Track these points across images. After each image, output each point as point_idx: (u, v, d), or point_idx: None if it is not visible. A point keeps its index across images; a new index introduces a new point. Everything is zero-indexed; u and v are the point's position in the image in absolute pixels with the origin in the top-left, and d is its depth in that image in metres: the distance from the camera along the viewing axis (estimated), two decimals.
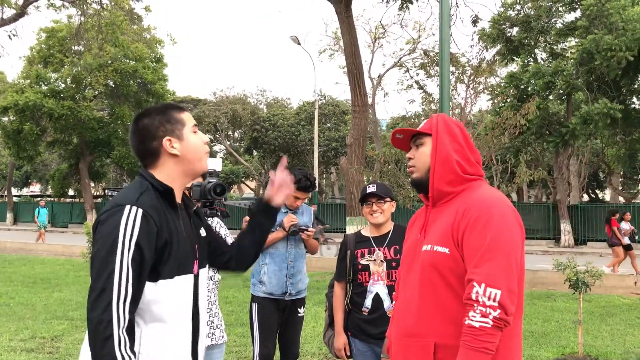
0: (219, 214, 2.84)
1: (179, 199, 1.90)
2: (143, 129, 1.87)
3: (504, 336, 1.82)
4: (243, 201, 4.39)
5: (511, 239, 1.85)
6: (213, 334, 3.14)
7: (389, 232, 3.41)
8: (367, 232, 3.47)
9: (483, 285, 1.76)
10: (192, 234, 1.92)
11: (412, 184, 2.16)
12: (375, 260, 3.32)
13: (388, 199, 3.38)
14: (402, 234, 3.40)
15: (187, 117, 1.94)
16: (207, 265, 2.07)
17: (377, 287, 3.31)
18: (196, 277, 1.90)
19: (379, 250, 3.34)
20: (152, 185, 1.82)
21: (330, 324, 3.55)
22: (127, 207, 1.70)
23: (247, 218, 3.04)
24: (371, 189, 3.37)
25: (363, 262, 3.35)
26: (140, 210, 1.70)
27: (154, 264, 1.71)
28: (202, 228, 2.05)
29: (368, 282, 3.33)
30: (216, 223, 3.33)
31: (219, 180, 2.63)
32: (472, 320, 1.76)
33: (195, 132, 1.93)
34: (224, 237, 3.22)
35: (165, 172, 1.85)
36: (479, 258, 1.81)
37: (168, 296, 1.75)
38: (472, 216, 1.88)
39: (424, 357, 1.89)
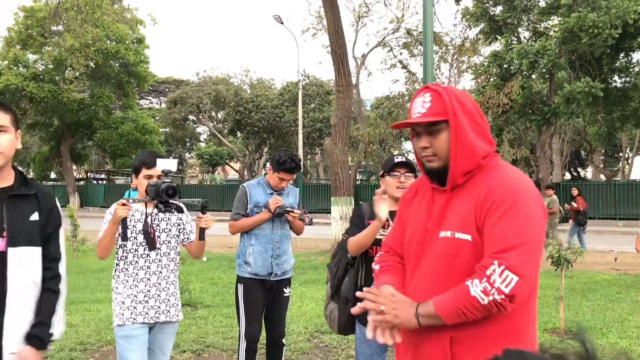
0: (172, 209, 3.08)
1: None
2: None
3: (521, 321, 1.79)
4: (196, 199, 4.44)
5: (538, 225, 1.75)
6: (168, 311, 3.29)
7: None
8: None
9: (503, 267, 1.65)
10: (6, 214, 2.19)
11: (429, 173, 1.92)
12: None
13: (415, 175, 3.16)
14: None
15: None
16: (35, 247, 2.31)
17: None
18: (3, 254, 2.17)
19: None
20: None
21: (333, 295, 3.32)
22: None
23: (200, 215, 3.13)
24: (401, 158, 3.16)
25: (377, 235, 3.15)
26: None
27: None
28: (37, 213, 2.32)
29: None
30: (185, 218, 3.41)
31: (171, 183, 2.91)
32: (471, 287, 1.68)
33: None
34: (188, 232, 3.39)
35: None
36: (505, 244, 1.68)
37: None
38: (497, 199, 1.75)
39: (439, 349, 1.80)
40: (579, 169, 42.13)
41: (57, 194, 35.22)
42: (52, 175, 41.72)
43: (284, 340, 4.29)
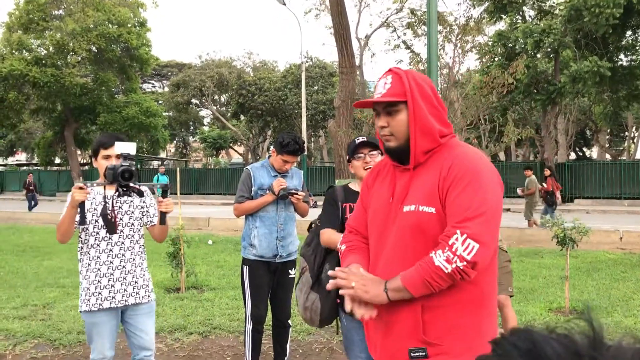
0: (132, 192, 3.05)
1: None
2: None
3: (485, 288, 1.87)
4: (158, 183, 4.50)
5: (498, 198, 1.84)
6: (137, 293, 3.31)
7: None
8: (355, 186, 3.23)
9: (465, 235, 1.73)
10: None
11: (388, 152, 2.00)
12: None
13: (380, 152, 3.11)
14: None
15: None
16: None
17: None
18: None
19: None
20: None
21: (313, 285, 3.15)
22: None
23: (160, 199, 3.12)
24: (362, 139, 3.15)
25: None
26: None
27: None
28: None
29: None
30: (149, 200, 3.41)
31: (128, 166, 2.88)
32: (435, 257, 1.75)
33: None
34: (152, 215, 3.38)
35: None
36: (466, 214, 1.77)
37: None
38: (459, 172, 1.83)
39: (412, 318, 1.86)
40: (585, 149, 41.97)
41: (62, 179, 35.54)
42: (57, 160, 41.80)
43: (289, 322, 4.31)
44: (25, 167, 48.50)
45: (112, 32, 29.29)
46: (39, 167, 39.79)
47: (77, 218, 3.06)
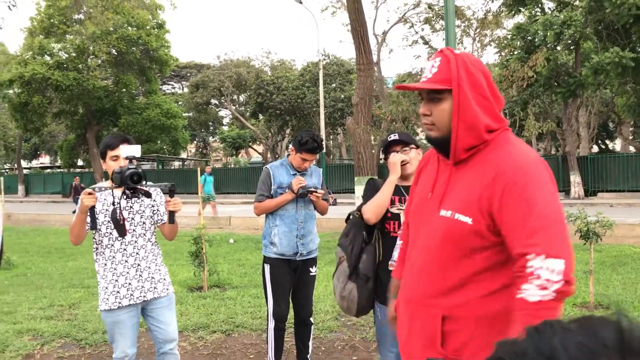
0: (140, 195, 3.09)
1: None
2: None
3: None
4: (164, 183, 4.56)
5: (554, 200, 1.63)
6: (155, 287, 3.38)
7: None
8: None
9: (543, 256, 1.52)
10: None
11: (429, 142, 1.85)
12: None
13: (413, 146, 3.14)
14: None
15: None
16: None
17: None
18: None
19: None
20: None
21: (350, 275, 3.09)
22: None
23: (168, 198, 3.16)
24: (394, 137, 3.15)
25: (393, 210, 3.08)
26: None
27: None
28: None
29: (397, 232, 3.04)
30: (159, 199, 3.46)
31: (135, 169, 2.93)
32: (524, 294, 1.53)
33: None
34: (162, 214, 3.43)
35: None
36: (530, 228, 1.57)
37: None
38: (509, 181, 1.63)
39: (430, 327, 1.76)
40: (607, 141, 41.31)
41: (85, 181, 36.06)
42: (80, 163, 42.39)
43: (311, 319, 4.32)
44: (49, 170, 49.25)
45: (132, 34, 29.62)
46: (62, 170, 40.34)
47: (89, 221, 3.12)
